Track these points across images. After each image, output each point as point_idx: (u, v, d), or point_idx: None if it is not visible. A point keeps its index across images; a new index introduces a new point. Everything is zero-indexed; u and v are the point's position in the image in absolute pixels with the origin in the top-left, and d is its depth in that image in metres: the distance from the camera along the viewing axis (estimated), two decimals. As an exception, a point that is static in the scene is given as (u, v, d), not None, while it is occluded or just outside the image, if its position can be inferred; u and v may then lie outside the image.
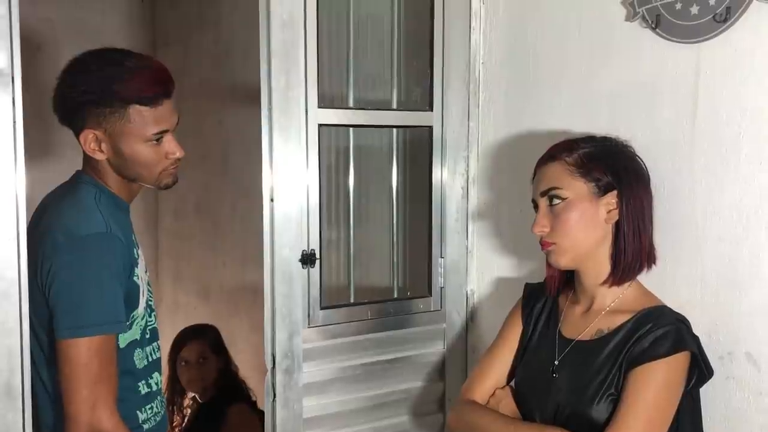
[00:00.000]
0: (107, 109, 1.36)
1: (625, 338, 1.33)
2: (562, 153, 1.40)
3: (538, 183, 1.43)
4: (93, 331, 1.31)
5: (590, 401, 1.32)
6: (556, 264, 1.41)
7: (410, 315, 2.00)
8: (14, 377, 1.09)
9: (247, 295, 2.94)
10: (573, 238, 1.36)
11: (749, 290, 1.42)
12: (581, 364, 1.37)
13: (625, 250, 1.37)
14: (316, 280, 1.83)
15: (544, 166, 1.42)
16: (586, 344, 1.38)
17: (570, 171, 1.37)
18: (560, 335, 1.44)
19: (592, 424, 1.32)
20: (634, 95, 1.61)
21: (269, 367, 1.77)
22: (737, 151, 1.43)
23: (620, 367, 1.31)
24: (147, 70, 1.40)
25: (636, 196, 1.38)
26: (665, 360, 1.28)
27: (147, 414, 1.50)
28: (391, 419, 1.97)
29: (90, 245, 1.34)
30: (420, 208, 2.05)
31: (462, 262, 2.06)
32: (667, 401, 1.29)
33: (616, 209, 1.37)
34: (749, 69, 1.40)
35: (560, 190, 1.37)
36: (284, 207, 1.76)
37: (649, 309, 1.37)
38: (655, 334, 1.30)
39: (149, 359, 1.52)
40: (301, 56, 1.76)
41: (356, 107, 1.95)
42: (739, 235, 1.43)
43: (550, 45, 1.82)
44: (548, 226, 1.38)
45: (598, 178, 1.37)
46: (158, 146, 1.42)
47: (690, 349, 1.30)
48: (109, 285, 1.35)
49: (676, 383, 1.30)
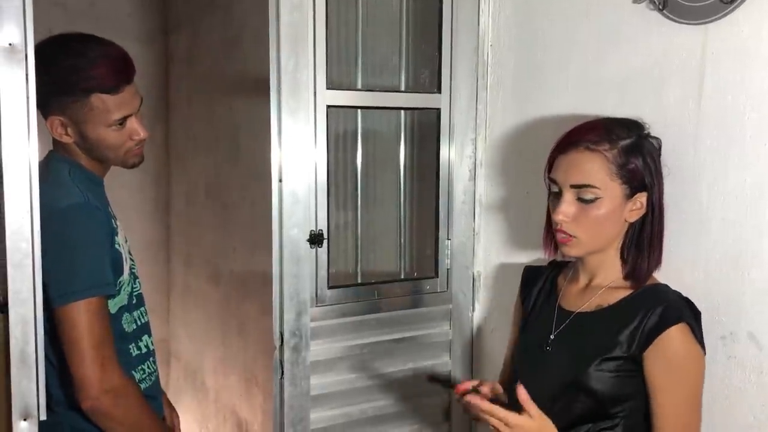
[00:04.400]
0: (69, 98, 1.42)
1: (625, 310, 1.32)
2: (601, 143, 1.31)
3: (568, 171, 1.33)
4: (85, 294, 1.37)
5: (585, 366, 1.30)
6: (568, 254, 1.37)
7: (417, 295, 2.03)
8: (28, 345, 1.13)
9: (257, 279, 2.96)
10: (596, 235, 1.33)
11: (752, 270, 1.43)
12: (580, 334, 1.36)
13: (649, 253, 1.35)
14: (323, 260, 1.86)
15: (578, 154, 1.32)
16: (587, 315, 1.37)
17: (609, 170, 1.30)
18: (560, 308, 1.43)
19: (588, 392, 1.30)
20: (641, 77, 1.62)
21: (277, 344, 1.80)
22: (742, 132, 1.43)
23: (627, 341, 1.28)
24: (107, 59, 1.44)
25: (660, 194, 1.36)
26: (678, 328, 1.26)
27: (141, 374, 1.56)
28: (396, 398, 2.00)
29: (71, 216, 1.40)
30: (427, 189, 2.07)
31: (468, 243, 2.08)
32: (696, 388, 1.30)
33: (640, 209, 1.34)
34: (755, 50, 1.40)
35: (596, 189, 1.30)
36: (292, 188, 1.78)
37: (650, 286, 1.36)
38: (661, 308, 1.28)
39: (138, 323, 1.58)
40: (310, 38, 1.78)
41: (364, 89, 1.97)
42: (743, 216, 1.44)
43: (558, 27, 1.83)
44: (571, 217, 1.32)
45: (633, 180, 1.32)
46: (122, 129, 1.48)
47: (687, 322, 1.28)
48: (94, 251, 1.41)
49: (696, 358, 1.28)
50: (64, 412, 1.45)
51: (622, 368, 1.28)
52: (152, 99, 3.32)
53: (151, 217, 3.53)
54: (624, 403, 1.30)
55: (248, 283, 3.10)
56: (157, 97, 3.40)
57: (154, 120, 3.32)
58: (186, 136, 3.34)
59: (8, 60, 1.11)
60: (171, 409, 1.77)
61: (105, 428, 1.43)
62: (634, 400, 1.30)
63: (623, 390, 1.29)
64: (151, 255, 3.47)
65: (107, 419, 1.41)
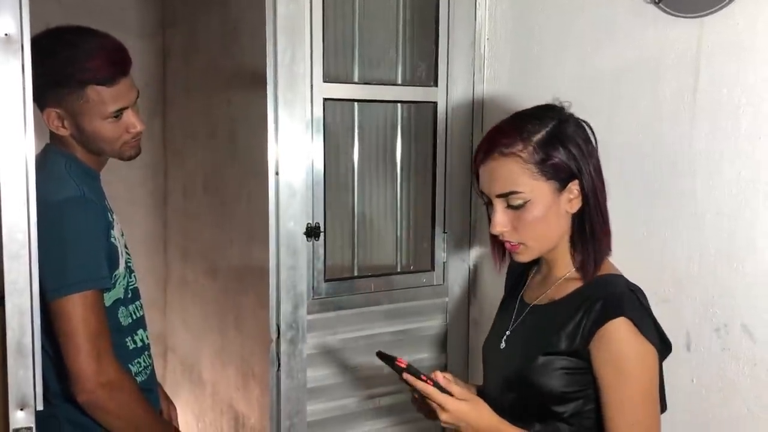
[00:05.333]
0: (65, 90, 1.42)
1: (571, 303, 1.25)
2: (513, 145, 1.23)
3: (490, 182, 1.26)
4: (80, 287, 1.36)
5: (530, 361, 1.24)
6: (522, 261, 1.31)
7: (413, 288, 2.03)
8: (25, 336, 1.13)
9: (254, 272, 2.96)
10: (540, 237, 1.26)
11: (746, 263, 1.44)
12: (531, 327, 1.31)
13: (595, 238, 1.27)
14: (320, 253, 1.87)
15: (494, 162, 1.25)
16: (539, 308, 1.32)
17: (530, 170, 1.23)
18: (521, 301, 1.38)
19: (534, 389, 1.24)
20: (637, 70, 1.62)
21: (274, 337, 1.80)
22: (737, 125, 1.44)
23: (569, 336, 1.22)
24: (103, 51, 1.44)
25: (594, 177, 1.27)
26: (619, 322, 1.18)
27: (137, 368, 1.56)
28: (393, 391, 2.00)
29: (66, 209, 1.39)
30: (424, 183, 2.07)
31: (465, 237, 2.08)
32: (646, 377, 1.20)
33: (578, 197, 1.26)
34: (751, 44, 1.41)
35: (521, 194, 1.23)
36: (289, 180, 1.78)
37: (600, 277, 1.27)
38: (601, 302, 1.21)
39: (133, 317, 1.58)
40: (307, 31, 1.78)
41: (361, 82, 1.97)
42: (737, 208, 1.45)
43: (554, 21, 1.83)
44: (509, 226, 1.26)
45: (560, 173, 1.24)
46: (118, 122, 1.48)
47: (627, 316, 1.18)
48: (89, 244, 1.41)
49: (640, 353, 1.19)
50: (60, 404, 1.45)
51: (569, 365, 1.22)
52: (149, 93, 3.31)
53: (148, 211, 3.52)
54: (575, 402, 1.24)
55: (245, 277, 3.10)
56: (155, 92, 3.39)
57: (152, 114, 3.31)
58: (183, 131, 3.34)
59: (4, 51, 1.11)
60: (168, 402, 1.78)
61: (101, 422, 1.43)
62: (585, 400, 1.24)
63: (571, 387, 1.23)
64: (148, 249, 3.47)
65: (103, 413, 1.41)
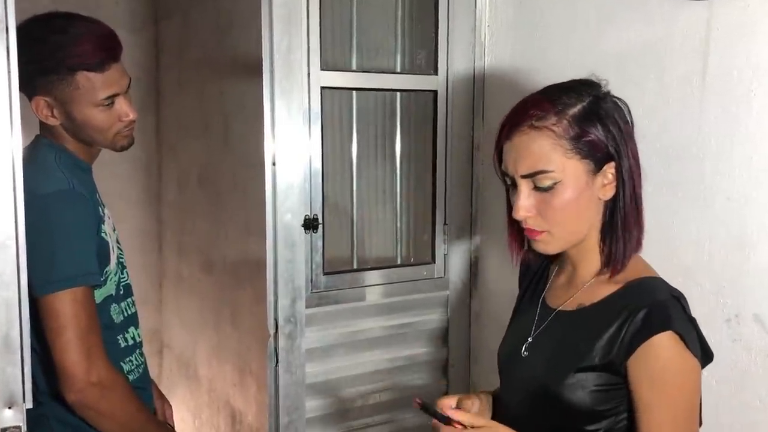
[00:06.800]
0: (55, 76, 1.37)
1: (605, 311, 1.11)
2: (546, 118, 1.09)
3: (517, 159, 1.11)
4: (69, 283, 1.31)
5: (560, 377, 1.11)
6: (544, 252, 1.16)
7: (413, 281, 1.99)
8: (12, 330, 1.08)
9: (251, 267, 2.93)
10: (568, 225, 1.12)
11: (757, 250, 1.40)
12: (559, 336, 1.16)
13: (627, 230, 1.12)
14: (318, 246, 1.82)
15: (523, 136, 1.10)
16: (566, 315, 1.17)
17: (562, 148, 1.08)
18: (543, 304, 1.23)
19: (562, 406, 1.11)
20: (644, 54, 1.58)
21: (272, 332, 1.76)
22: (748, 109, 1.40)
23: (604, 349, 1.08)
24: (92, 35, 1.39)
25: (632, 162, 1.13)
26: (665, 336, 1.05)
27: (129, 366, 1.52)
28: (393, 386, 1.97)
29: (53, 203, 1.34)
30: (424, 173, 2.03)
31: (466, 228, 2.04)
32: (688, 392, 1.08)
33: (613, 183, 1.12)
34: (761, 26, 1.37)
35: (552, 173, 1.09)
36: (286, 171, 1.74)
37: (636, 281, 1.12)
38: (645, 311, 1.07)
39: (125, 314, 1.53)
40: (304, 18, 1.74)
41: (360, 70, 1.92)
42: (747, 194, 1.41)
43: (557, 5, 1.79)
44: (533, 211, 1.11)
45: (595, 152, 1.10)
46: (110, 109, 1.43)
47: (675, 330, 1.05)
48: (78, 240, 1.36)
49: (687, 371, 1.07)
50: (48, 403, 1.39)
51: (603, 381, 1.09)
52: (142, 87, 3.27)
53: (142, 206, 3.48)
54: (607, 420, 1.11)
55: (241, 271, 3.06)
56: (147, 86, 3.35)
57: (145, 108, 3.27)
58: (177, 124, 3.29)
59: (-12, 33, 1.07)
60: (163, 400, 1.73)
61: (92, 422, 1.37)
62: (617, 416, 1.11)
63: (604, 405, 1.10)
64: (142, 244, 3.43)
65: (94, 413, 1.35)
